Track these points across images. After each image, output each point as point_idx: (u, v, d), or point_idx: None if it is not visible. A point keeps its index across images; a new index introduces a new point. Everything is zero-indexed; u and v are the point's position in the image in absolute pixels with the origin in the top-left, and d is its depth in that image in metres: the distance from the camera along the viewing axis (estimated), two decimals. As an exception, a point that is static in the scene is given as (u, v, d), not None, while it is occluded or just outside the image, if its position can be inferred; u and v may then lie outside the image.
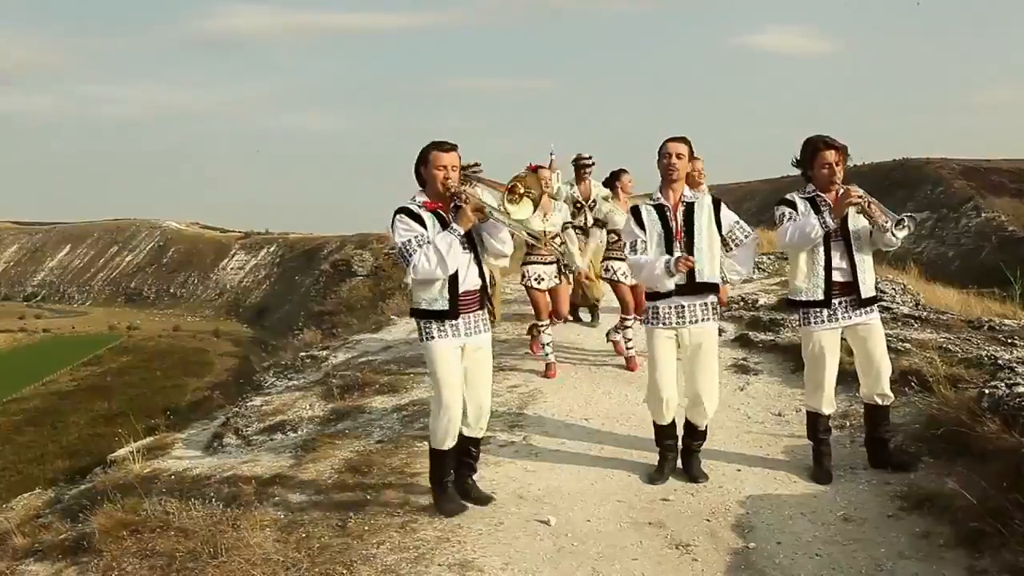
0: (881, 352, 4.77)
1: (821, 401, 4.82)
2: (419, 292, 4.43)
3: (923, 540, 3.95)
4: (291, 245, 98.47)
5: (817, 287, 4.69)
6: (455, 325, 4.42)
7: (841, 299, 4.68)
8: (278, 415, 7.61)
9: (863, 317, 4.72)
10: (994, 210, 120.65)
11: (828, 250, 4.65)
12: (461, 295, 4.41)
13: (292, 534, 4.49)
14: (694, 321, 4.77)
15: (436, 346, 4.41)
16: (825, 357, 4.76)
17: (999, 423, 4.41)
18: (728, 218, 4.82)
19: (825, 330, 4.73)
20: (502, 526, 4.31)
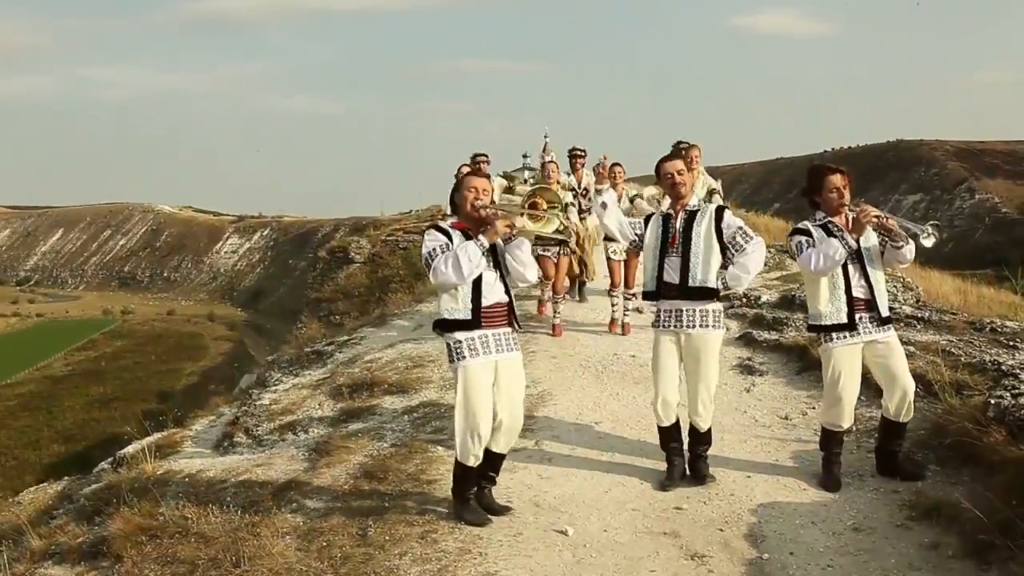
0: (904, 370, 4.84)
1: (842, 418, 4.90)
2: (443, 302, 4.51)
3: (932, 551, 4.06)
4: (285, 229, 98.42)
5: (840, 310, 4.78)
6: (485, 342, 4.48)
7: (862, 316, 4.78)
8: (288, 415, 7.70)
9: (882, 334, 4.81)
10: (988, 192, 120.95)
11: (846, 271, 4.75)
12: (486, 307, 4.48)
13: (313, 543, 4.57)
14: (692, 326, 4.89)
15: (468, 366, 4.46)
16: (850, 376, 4.84)
17: (1005, 434, 4.52)
18: (731, 226, 4.91)
19: (847, 347, 4.82)
20: (521, 537, 4.40)
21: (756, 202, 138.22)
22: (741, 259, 4.88)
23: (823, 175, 4.85)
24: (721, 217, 4.92)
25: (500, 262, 4.58)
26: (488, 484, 4.78)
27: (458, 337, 4.49)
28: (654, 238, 4.97)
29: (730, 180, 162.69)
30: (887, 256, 4.83)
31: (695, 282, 4.84)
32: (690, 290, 4.84)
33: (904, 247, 4.70)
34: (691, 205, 4.98)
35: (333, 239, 63.57)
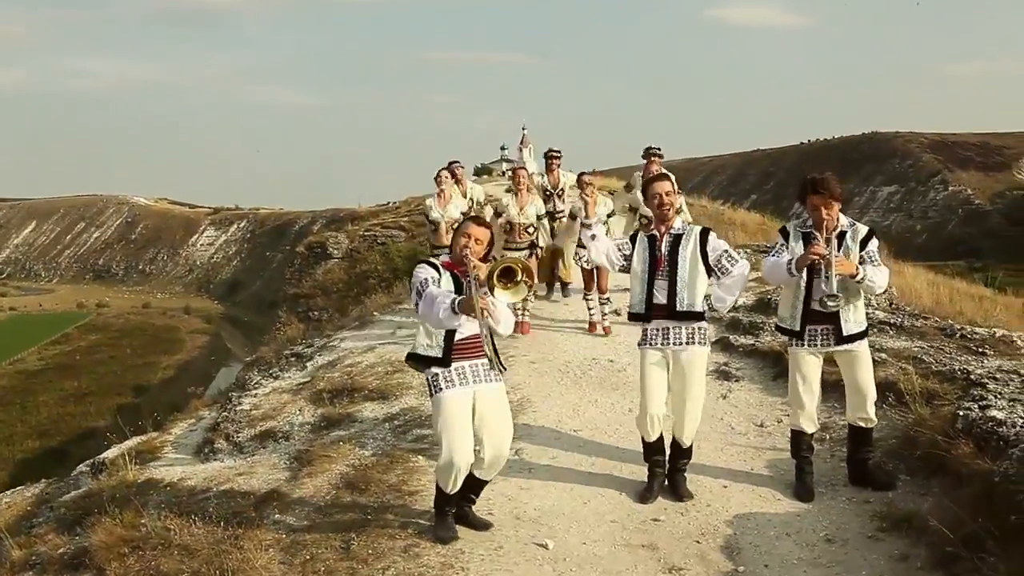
0: (865, 380, 4.97)
1: (802, 420, 5.05)
2: (419, 336, 4.57)
3: (901, 563, 4.17)
4: (261, 221, 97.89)
5: (795, 319, 4.96)
6: (462, 373, 4.51)
7: (817, 328, 4.90)
8: (268, 420, 7.73)
9: (850, 345, 4.93)
10: (961, 183, 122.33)
11: (810, 286, 4.86)
12: (460, 341, 4.51)
13: (296, 556, 4.62)
14: (679, 344, 4.98)
15: (444, 398, 4.48)
16: (805, 380, 4.99)
17: (972, 446, 4.64)
18: (716, 249, 5.00)
19: (806, 354, 4.96)
20: (502, 550, 4.48)
21: (733, 193, 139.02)
22: (727, 281, 5.01)
23: (807, 192, 4.92)
24: (706, 240, 5.01)
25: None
26: (468, 504, 4.82)
27: (434, 370, 4.53)
28: (641, 261, 5.03)
29: (708, 171, 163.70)
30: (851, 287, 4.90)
31: (683, 306, 4.95)
32: (679, 313, 4.95)
33: (863, 279, 4.78)
34: (676, 228, 5.05)
35: (310, 232, 63.50)
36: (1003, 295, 21.28)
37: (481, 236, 4.59)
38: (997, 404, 5.04)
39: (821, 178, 4.90)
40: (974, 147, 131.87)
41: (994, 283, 34.36)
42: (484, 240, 4.61)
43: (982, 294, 19.94)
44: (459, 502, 4.74)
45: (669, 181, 5.22)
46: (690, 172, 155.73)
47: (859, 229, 4.95)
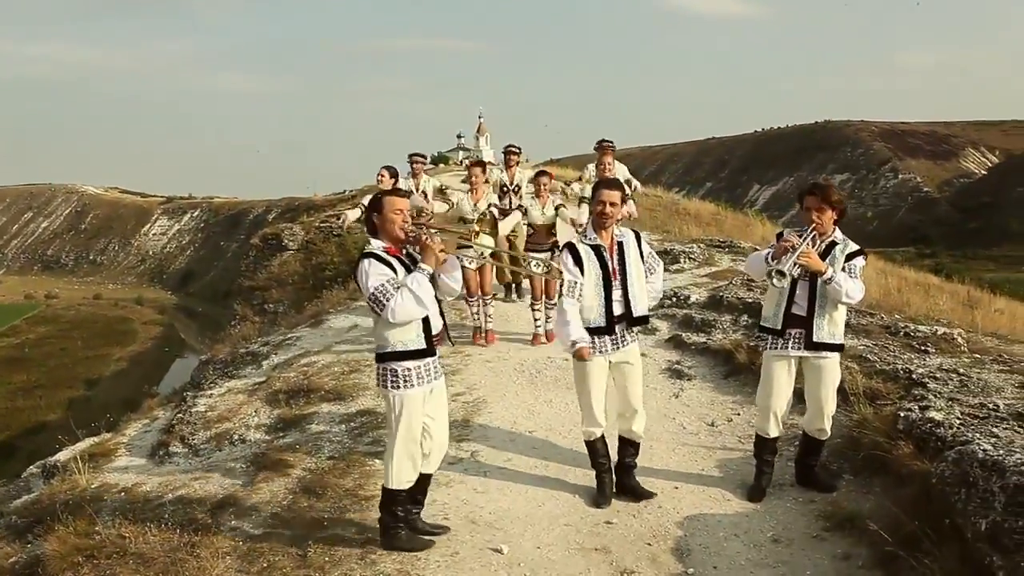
0: (828, 393, 5.05)
1: (768, 425, 5.14)
2: (392, 335, 4.47)
3: (844, 562, 4.32)
4: (215, 210, 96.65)
5: (777, 317, 5.04)
6: (427, 368, 4.54)
7: (792, 332, 5.01)
8: (223, 422, 7.70)
9: (814, 355, 5.03)
10: (910, 172, 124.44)
11: (793, 289, 4.97)
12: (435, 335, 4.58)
13: (254, 564, 4.64)
14: (625, 344, 5.11)
15: (411, 396, 4.49)
16: (778, 384, 5.08)
17: (912, 447, 4.80)
18: (645, 249, 5.19)
19: (779, 358, 5.06)
20: (458, 556, 4.54)
21: (688, 182, 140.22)
22: (654, 279, 5.20)
23: (803, 193, 5.08)
24: (640, 242, 5.18)
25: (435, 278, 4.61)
26: (417, 509, 4.82)
27: (407, 365, 4.49)
28: (594, 275, 5.00)
29: (663, 160, 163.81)
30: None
31: (639, 312, 5.05)
32: (635, 320, 5.06)
33: (832, 281, 4.86)
34: (618, 235, 5.11)
35: (266, 222, 62.84)
36: (949, 282, 21.82)
37: (403, 206, 4.52)
38: (936, 405, 5.21)
39: (821, 183, 5.11)
40: (923, 136, 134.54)
41: (942, 271, 34.99)
42: (407, 207, 4.57)
43: (929, 282, 20.42)
44: (408, 510, 4.73)
45: (620, 191, 5.18)
46: (646, 160, 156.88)
47: (850, 245, 5.04)
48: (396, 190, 4.75)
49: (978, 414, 5.05)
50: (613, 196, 5.03)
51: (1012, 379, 6.08)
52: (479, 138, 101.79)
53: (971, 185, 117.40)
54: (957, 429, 4.72)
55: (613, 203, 5.02)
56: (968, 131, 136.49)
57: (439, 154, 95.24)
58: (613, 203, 5.02)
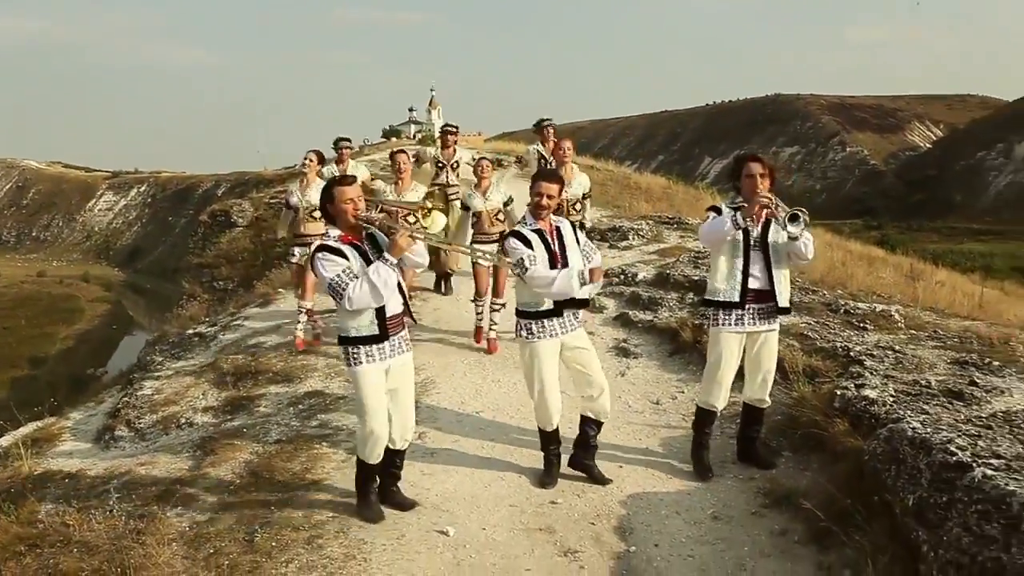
0: (772, 363, 5.21)
1: (717, 398, 5.24)
2: (347, 320, 4.60)
3: (781, 537, 4.44)
4: (163, 185, 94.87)
5: (734, 289, 5.08)
6: (381, 348, 4.64)
7: (752, 306, 5.08)
8: (170, 405, 7.64)
9: (766, 328, 5.14)
10: (858, 145, 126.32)
11: (747, 258, 5.04)
12: (389, 319, 4.63)
13: (200, 550, 4.64)
14: (572, 328, 5.16)
15: (363, 372, 4.62)
16: (730, 358, 5.17)
17: (847, 425, 4.94)
18: (582, 238, 5.30)
19: (734, 333, 5.13)
20: (404, 539, 4.59)
21: (640, 154, 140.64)
22: (593, 267, 5.18)
23: (745, 161, 5.15)
24: (575, 230, 5.28)
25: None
26: (393, 482, 5.01)
27: (359, 345, 4.63)
28: (540, 258, 5.04)
29: (616, 132, 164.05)
30: (791, 253, 5.09)
31: (583, 294, 5.09)
32: (577, 302, 5.10)
33: (799, 240, 4.94)
34: (554, 220, 5.18)
35: (215, 197, 61.89)
36: (893, 255, 22.29)
37: (356, 193, 4.63)
38: (871, 382, 5.36)
39: (755, 153, 5.27)
40: (870, 110, 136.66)
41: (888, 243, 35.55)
42: (357, 195, 4.65)
43: (874, 255, 20.85)
44: (384, 480, 4.94)
45: (559, 184, 5.22)
46: (598, 133, 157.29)
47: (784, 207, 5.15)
48: (344, 178, 4.78)
49: (911, 391, 5.20)
50: (551, 189, 5.12)
51: (945, 355, 6.25)
52: (431, 112, 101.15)
53: (916, 158, 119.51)
54: (890, 407, 4.85)
55: (550, 195, 5.10)
56: (914, 105, 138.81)
57: (390, 128, 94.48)
58: (550, 195, 5.10)
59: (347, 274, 4.45)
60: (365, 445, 4.73)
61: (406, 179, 8.69)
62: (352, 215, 4.58)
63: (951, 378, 5.52)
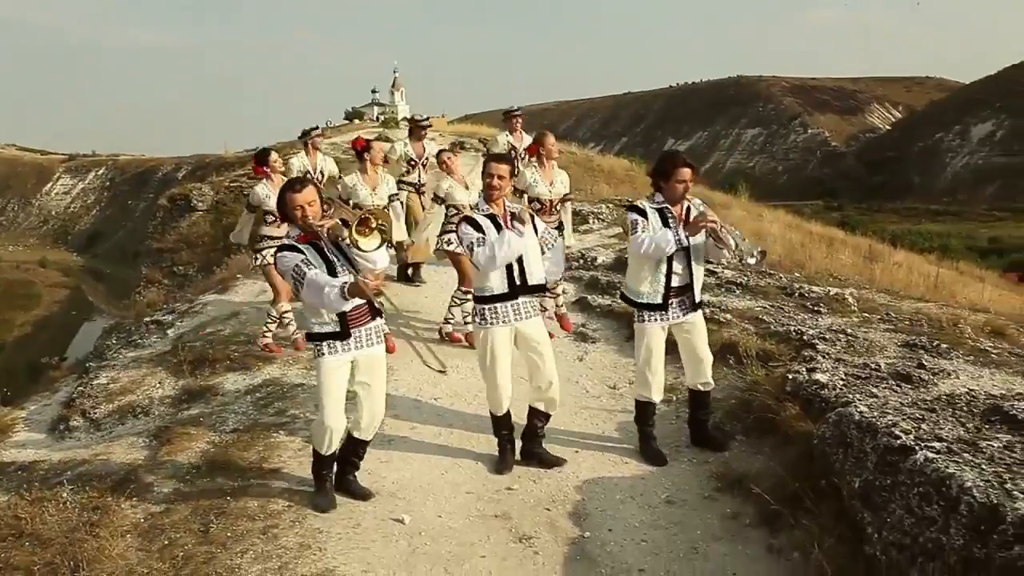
0: (704, 346, 5.31)
1: (652, 390, 5.30)
2: (310, 315, 4.65)
3: (733, 521, 4.51)
4: (121, 168, 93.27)
5: (657, 292, 5.16)
6: (346, 341, 4.65)
7: (674, 301, 5.16)
8: (127, 395, 7.57)
9: (689, 315, 5.23)
10: (819, 126, 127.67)
11: (670, 260, 5.11)
12: (349, 313, 4.63)
13: (154, 542, 4.61)
14: (529, 316, 5.16)
15: (325, 363, 4.65)
16: (658, 351, 5.25)
17: (799, 409, 5.02)
18: (541, 224, 5.28)
19: (659, 327, 5.21)
20: (360, 528, 4.59)
21: (604, 136, 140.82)
22: (552, 255, 5.26)
23: (676, 166, 5.14)
24: (534, 217, 5.26)
25: (354, 262, 4.65)
26: (352, 470, 5.02)
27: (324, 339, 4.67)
28: None
29: (580, 114, 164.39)
30: (710, 252, 5.21)
31: (534, 280, 5.12)
32: (530, 288, 5.12)
33: (725, 250, 5.08)
34: (509, 206, 5.19)
35: (175, 180, 61.04)
36: (853, 236, 22.58)
37: (310, 198, 4.62)
38: (823, 366, 5.45)
39: (682, 154, 5.24)
40: (831, 91, 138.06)
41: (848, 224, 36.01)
42: (315, 199, 4.65)
43: (834, 236, 21.12)
44: (343, 468, 4.97)
45: (509, 165, 5.26)
46: (563, 115, 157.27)
47: (696, 202, 5.25)
48: (293, 184, 4.71)
49: (861, 374, 5.30)
50: (501, 169, 5.15)
51: (896, 338, 6.37)
52: (394, 93, 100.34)
53: (876, 140, 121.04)
54: (840, 390, 4.94)
55: (501, 176, 5.13)
56: (873, 87, 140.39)
57: (353, 109, 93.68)
58: (501, 176, 5.13)
59: (304, 263, 4.47)
60: (320, 436, 4.75)
61: (376, 171, 8.34)
62: (300, 220, 4.59)
63: (900, 361, 5.63)
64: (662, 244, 5.02)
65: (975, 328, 6.85)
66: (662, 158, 5.30)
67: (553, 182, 8.01)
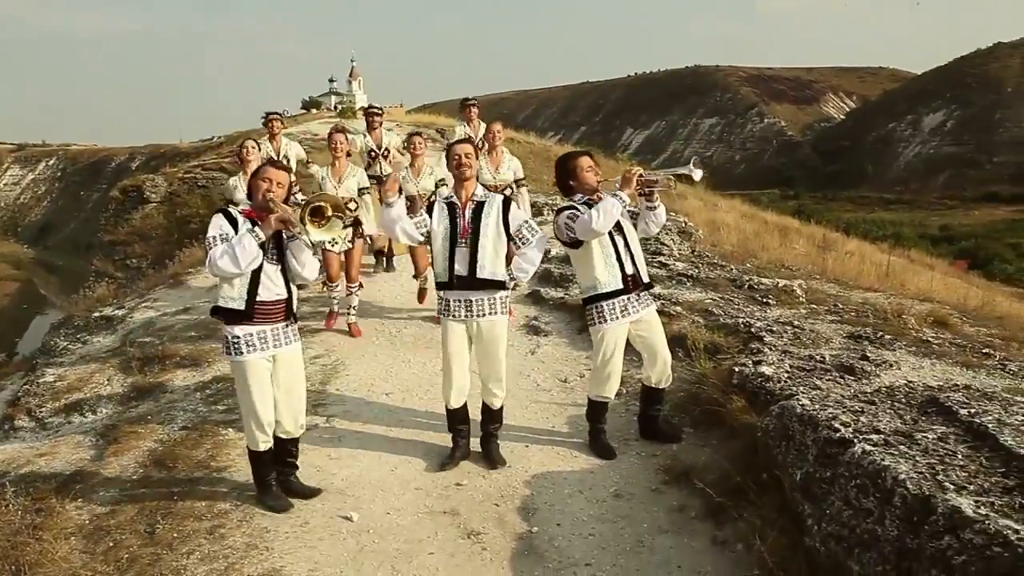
0: (663, 343, 5.31)
1: (612, 391, 5.32)
2: (220, 289, 4.60)
3: (679, 513, 4.56)
4: (73, 158, 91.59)
5: (616, 276, 5.13)
6: (263, 337, 4.60)
7: (631, 294, 5.15)
8: (74, 392, 7.47)
9: (646, 311, 5.23)
10: (776, 116, 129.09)
11: (615, 242, 5.10)
12: (264, 303, 4.59)
13: (99, 544, 4.56)
14: (482, 315, 5.12)
15: (244, 362, 4.60)
16: (619, 352, 5.24)
17: (744, 401, 5.08)
18: (517, 218, 5.12)
19: (619, 327, 5.19)
20: (308, 526, 4.57)
21: (563, 125, 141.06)
22: (527, 251, 5.13)
23: (575, 159, 5.19)
24: (508, 209, 5.11)
25: (284, 256, 4.65)
26: (290, 470, 4.96)
27: (236, 332, 4.59)
28: (443, 229, 5.06)
29: (539, 104, 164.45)
30: (642, 224, 5.21)
31: (484, 274, 5.02)
32: (479, 281, 5.03)
33: (658, 207, 5.10)
34: (478, 196, 5.12)
35: (129, 171, 60.05)
36: (807, 225, 22.85)
37: (281, 179, 4.63)
38: (769, 359, 5.52)
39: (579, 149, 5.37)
40: (787, 81, 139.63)
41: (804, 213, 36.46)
42: (284, 183, 4.65)
43: (789, 225, 21.37)
44: (281, 470, 4.90)
45: (471, 145, 5.29)
46: (521, 104, 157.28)
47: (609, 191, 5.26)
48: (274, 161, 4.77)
49: (806, 366, 5.38)
50: (466, 148, 5.15)
51: (842, 329, 6.48)
52: (352, 82, 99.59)
53: (831, 129, 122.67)
54: (784, 383, 5.01)
55: (467, 153, 5.11)
56: (828, 77, 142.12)
57: (310, 99, 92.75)
58: (467, 153, 5.11)
59: (221, 238, 4.48)
60: (251, 436, 4.73)
61: (342, 161, 8.23)
62: (262, 195, 4.57)
63: (845, 352, 5.73)
64: (609, 207, 4.91)
65: (919, 318, 7.00)
66: (558, 163, 5.33)
67: (499, 168, 8.21)
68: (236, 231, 4.51)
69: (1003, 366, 5.58)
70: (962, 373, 5.42)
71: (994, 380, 5.26)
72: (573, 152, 5.29)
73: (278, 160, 4.84)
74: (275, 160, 4.79)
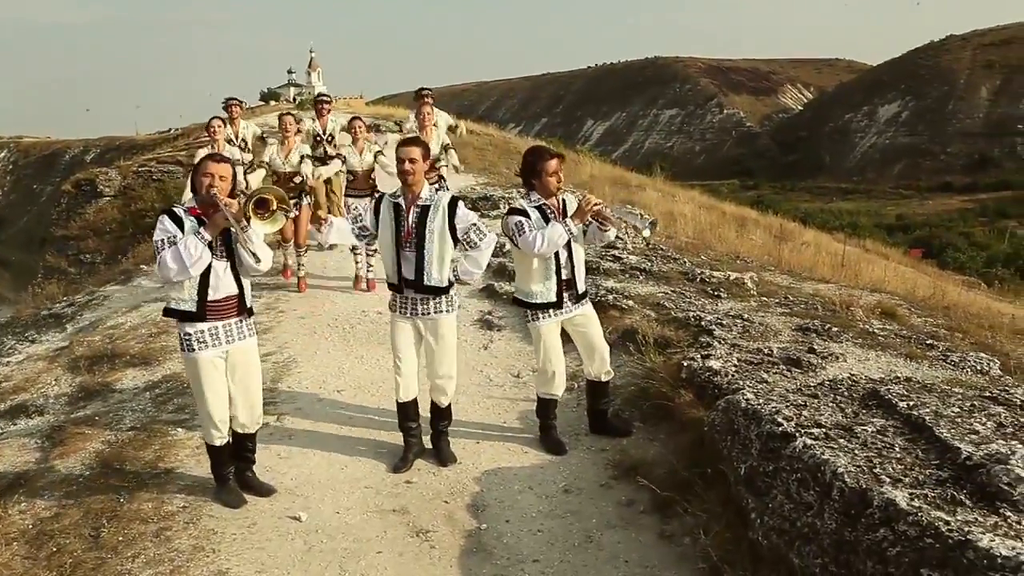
0: (599, 338, 5.35)
1: (556, 387, 5.34)
2: (171, 291, 4.56)
3: (627, 508, 4.58)
4: (25, 150, 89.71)
5: (550, 290, 5.16)
6: (215, 334, 4.58)
7: (565, 294, 5.19)
8: (20, 393, 7.34)
9: (581, 308, 5.27)
10: (734, 107, 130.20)
11: (558, 255, 5.11)
12: (213, 301, 4.56)
13: (42, 548, 4.49)
14: (427, 314, 5.10)
15: (197, 359, 4.60)
16: (556, 348, 5.28)
17: (693, 395, 5.13)
18: (464, 220, 5.03)
19: (552, 323, 5.23)
20: (255, 527, 4.54)
21: (524, 117, 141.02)
22: (474, 254, 5.10)
23: (544, 159, 5.11)
24: (455, 212, 5.01)
25: (233, 250, 4.60)
26: (248, 466, 4.97)
27: (187, 329, 4.58)
28: (388, 232, 5.03)
29: (499, 95, 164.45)
30: (590, 236, 5.24)
31: (431, 281, 5.00)
32: (426, 287, 5.02)
33: (610, 231, 5.15)
34: (424, 198, 5.04)
35: (84, 163, 58.91)
36: (765, 216, 23.06)
37: (223, 172, 4.56)
38: (717, 352, 5.57)
39: (551, 149, 5.30)
40: (746, 72, 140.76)
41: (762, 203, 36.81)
42: (227, 176, 4.58)
43: (747, 216, 21.56)
44: (238, 465, 4.92)
45: (421, 148, 5.12)
46: (482, 96, 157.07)
47: (568, 196, 5.26)
48: (215, 154, 4.72)
49: (753, 360, 5.44)
50: (412, 152, 5.02)
51: (791, 322, 6.55)
52: (311, 74, 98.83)
53: (788, 120, 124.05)
54: (732, 377, 5.06)
55: (412, 159, 5.01)
56: (786, 68, 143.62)
57: (269, 90, 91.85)
58: (412, 159, 5.01)
59: (169, 240, 4.42)
60: (207, 431, 4.76)
61: (291, 140, 9.34)
62: (205, 189, 4.50)
63: (792, 345, 5.80)
64: (555, 237, 4.97)
65: (867, 310, 7.10)
66: (528, 155, 5.26)
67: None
68: (183, 231, 4.45)
69: (945, 357, 5.68)
70: (906, 365, 5.50)
71: (936, 371, 5.35)
72: (546, 151, 5.23)
73: (218, 154, 4.77)
74: (215, 154, 4.73)
